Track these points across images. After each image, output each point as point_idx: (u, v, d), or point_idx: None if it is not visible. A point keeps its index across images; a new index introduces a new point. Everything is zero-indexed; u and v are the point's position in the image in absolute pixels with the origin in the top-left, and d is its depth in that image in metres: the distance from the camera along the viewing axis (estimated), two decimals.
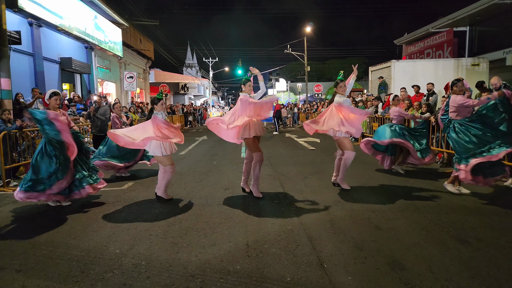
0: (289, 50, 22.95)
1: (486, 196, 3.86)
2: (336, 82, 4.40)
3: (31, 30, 8.90)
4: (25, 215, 3.57)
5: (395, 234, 2.78)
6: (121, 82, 15.55)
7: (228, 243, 2.68)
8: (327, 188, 4.38)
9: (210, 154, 7.78)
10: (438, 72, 10.37)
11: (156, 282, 2.11)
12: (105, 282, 2.12)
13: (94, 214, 3.48)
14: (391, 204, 3.60)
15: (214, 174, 5.43)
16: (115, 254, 2.50)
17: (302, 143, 9.66)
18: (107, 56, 14.09)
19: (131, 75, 14.81)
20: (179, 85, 27.77)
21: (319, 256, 2.41)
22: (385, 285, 2.02)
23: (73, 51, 11.21)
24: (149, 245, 2.67)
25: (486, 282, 2.04)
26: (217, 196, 4.11)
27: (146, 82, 20.21)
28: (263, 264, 2.30)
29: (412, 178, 4.85)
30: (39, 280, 2.17)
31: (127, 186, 4.75)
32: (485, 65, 10.59)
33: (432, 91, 7.90)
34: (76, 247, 2.65)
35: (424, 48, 14.69)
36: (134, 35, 17.32)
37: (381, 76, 10.89)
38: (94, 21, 12.17)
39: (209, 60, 36.37)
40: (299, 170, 5.64)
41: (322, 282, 2.07)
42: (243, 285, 2.06)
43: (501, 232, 2.80)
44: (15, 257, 2.50)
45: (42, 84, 9.04)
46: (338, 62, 35.36)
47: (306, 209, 3.48)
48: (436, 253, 2.42)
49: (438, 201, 3.68)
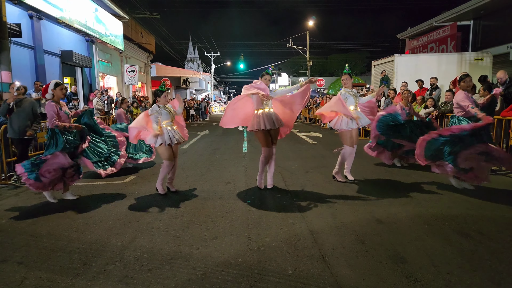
0: (291, 44, 22.75)
1: (489, 190, 3.83)
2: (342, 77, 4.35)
3: (32, 22, 8.83)
4: (27, 207, 3.59)
5: (397, 227, 2.78)
6: (122, 76, 15.50)
7: (230, 236, 2.68)
8: (329, 182, 4.37)
9: (212, 148, 7.77)
10: (442, 67, 10.26)
11: (157, 275, 2.11)
12: (107, 275, 2.13)
13: (95, 207, 3.49)
14: (393, 198, 3.59)
15: (216, 168, 5.43)
16: (117, 247, 2.51)
17: (304, 137, 9.64)
18: (108, 49, 14.01)
19: (132, 69, 14.74)
20: (180, 79, 27.65)
21: (321, 249, 2.41)
22: (387, 278, 2.02)
23: (74, 44, 11.14)
24: (151, 238, 2.67)
25: (487, 276, 2.03)
26: (218, 189, 4.11)
27: (148, 76, 20.13)
28: (264, 257, 2.31)
29: (414, 172, 4.83)
30: (40, 272, 2.18)
31: (128, 179, 4.75)
32: (488, 59, 10.46)
33: (435, 85, 7.82)
34: (77, 240, 2.66)
35: (427, 43, 14.51)
36: (135, 28, 17.19)
37: (383, 70, 10.78)
38: (94, 14, 12.06)
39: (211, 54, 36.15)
40: (301, 164, 5.63)
41: (323, 275, 2.07)
42: (245, 277, 2.06)
43: (503, 226, 2.79)
44: (17, 250, 2.52)
45: (43, 77, 9.01)
46: (341, 56, 35.01)
47: (308, 203, 3.48)
48: (438, 246, 2.41)
49: (440, 195, 3.67)
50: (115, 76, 15.22)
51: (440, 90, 7.81)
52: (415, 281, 1.99)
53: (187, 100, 20.99)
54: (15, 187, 4.44)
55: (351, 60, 31.79)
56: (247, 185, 4.29)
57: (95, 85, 12.28)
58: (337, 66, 34.60)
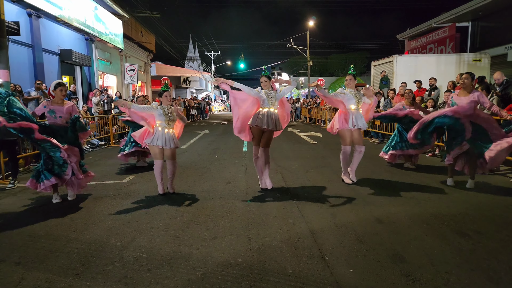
0: (291, 44, 22.74)
1: (487, 190, 3.85)
2: None
3: (30, 21, 8.79)
4: (25, 207, 3.57)
5: (396, 227, 2.78)
6: (122, 75, 15.45)
7: (230, 236, 2.68)
8: (329, 181, 4.37)
9: (211, 148, 7.76)
10: (440, 67, 10.30)
11: (157, 275, 2.11)
12: (106, 275, 2.12)
13: (94, 207, 3.48)
14: (392, 197, 3.60)
15: (215, 168, 5.42)
16: (116, 247, 2.50)
17: (304, 137, 9.64)
18: (107, 48, 13.97)
19: (132, 68, 14.70)
20: (180, 78, 27.60)
21: (321, 249, 2.41)
22: (386, 278, 2.02)
23: (73, 43, 11.10)
24: (150, 238, 2.67)
25: (486, 275, 2.04)
26: (218, 189, 4.10)
27: (148, 75, 20.09)
28: (264, 257, 2.31)
29: (413, 172, 4.84)
30: (38, 272, 2.17)
31: (128, 179, 4.74)
32: (486, 60, 10.52)
33: (434, 86, 7.84)
34: (76, 240, 2.65)
35: (426, 43, 14.56)
36: (135, 27, 17.14)
37: (383, 70, 10.80)
38: (94, 13, 12.02)
39: (211, 54, 36.08)
40: (301, 164, 5.63)
41: (323, 275, 2.07)
42: (245, 277, 2.06)
43: (501, 225, 2.80)
44: (15, 250, 2.50)
45: (42, 76, 8.97)
46: (341, 56, 35.00)
47: (308, 203, 3.48)
48: (436, 246, 2.42)
49: (439, 195, 3.68)
50: (114, 75, 15.18)
51: (439, 90, 7.84)
52: (414, 280, 1.99)
53: (188, 100, 20.97)
54: (13, 186, 4.41)
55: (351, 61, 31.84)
56: (247, 185, 4.29)
57: (94, 84, 12.23)
58: (337, 66, 34.61)
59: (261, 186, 4.07)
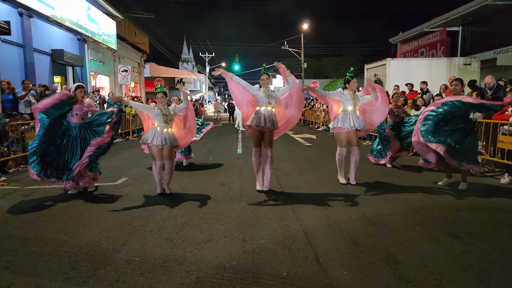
0: (286, 47, 22.87)
1: (477, 192, 3.92)
2: (348, 79, 4.30)
3: (21, 20, 8.65)
4: (14, 210, 3.49)
5: (390, 229, 2.81)
6: (115, 76, 15.30)
7: (224, 238, 2.66)
8: (323, 183, 4.39)
9: (206, 150, 7.72)
10: (432, 71, 10.48)
11: (150, 279, 2.08)
12: (97, 279, 2.08)
13: (86, 210, 3.42)
14: (385, 199, 3.63)
15: (210, 170, 5.39)
16: (108, 251, 2.46)
17: (299, 139, 9.68)
18: (100, 49, 13.82)
19: (126, 69, 14.56)
20: (174, 79, 27.49)
21: (315, 251, 2.41)
22: (380, 279, 2.04)
23: (65, 43, 10.95)
24: (143, 241, 2.63)
25: (477, 276, 2.07)
26: (213, 191, 4.08)
27: (141, 76, 19.94)
28: (259, 260, 2.30)
29: (406, 174, 4.90)
30: (28, 277, 2.12)
31: (120, 181, 4.68)
32: (476, 64, 10.75)
33: (426, 90, 7.98)
34: (67, 243, 2.60)
35: (418, 47, 14.81)
36: (129, 28, 17.02)
37: (375, 73, 10.94)
38: (87, 13, 11.90)
39: (206, 55, 36.02)
40: (295, 166, 5.65)
41: (318, 277, 2.07)
42: (239, 280, 2.05)
43: (492, 227, 2.85)
44: (3, 254, 2.44)
45: (33, 76, 8.82)
46: (335, 59, 35.31)
47: (302, 205, 3.48)
48: (429, 247, 2.45)
49: (431, 197, 3.73)
50: (107, 75, 15.02)
51: (431, 93, 7.98)
52: (407, 281, 2.01)
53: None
54: (2, 189, 4.31)
55: (344, 63, 32.14)
56: (241, 187, 4.27)
57: (86, 85, 12.08)
58: (330, 69, 34.86)
59: (257, 188, 4.06)
